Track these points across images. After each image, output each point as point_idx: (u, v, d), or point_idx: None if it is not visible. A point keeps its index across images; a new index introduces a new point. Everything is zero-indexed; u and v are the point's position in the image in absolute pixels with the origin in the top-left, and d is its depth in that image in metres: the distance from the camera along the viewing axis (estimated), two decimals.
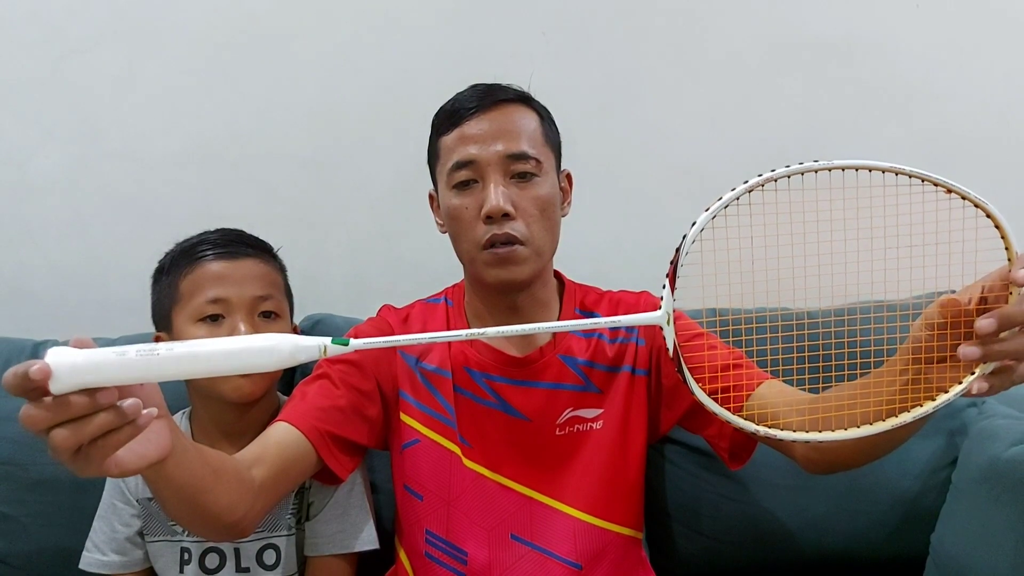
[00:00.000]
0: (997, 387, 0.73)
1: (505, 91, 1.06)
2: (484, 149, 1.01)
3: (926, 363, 0.76)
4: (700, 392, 0.78)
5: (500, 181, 1.00)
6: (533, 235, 1.02)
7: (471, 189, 1.02)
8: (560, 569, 1.05)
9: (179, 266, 1.11)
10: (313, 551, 1.13)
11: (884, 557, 1.36)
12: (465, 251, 1.05)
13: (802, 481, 1.32)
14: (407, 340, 0.74)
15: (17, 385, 0.58)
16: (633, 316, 0.78)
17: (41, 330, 1.45)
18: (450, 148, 1.03)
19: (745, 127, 1.62)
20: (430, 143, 1.09)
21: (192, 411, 1.18)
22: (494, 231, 1.00)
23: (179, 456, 0.73)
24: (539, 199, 1.02)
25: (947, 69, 1.63)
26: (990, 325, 0.69)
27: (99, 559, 1.14)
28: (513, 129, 1.02)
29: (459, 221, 1.03)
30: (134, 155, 1.61)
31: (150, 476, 0.75)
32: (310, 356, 0.67)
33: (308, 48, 1.60)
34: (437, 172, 1.07)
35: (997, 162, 1.62)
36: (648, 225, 1.58)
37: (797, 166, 0.72)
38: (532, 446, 1.08)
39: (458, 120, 1.03)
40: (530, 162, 1.02)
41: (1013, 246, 0.71)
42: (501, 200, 0.99)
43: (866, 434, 0.78)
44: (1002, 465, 1.21)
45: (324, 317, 1.43)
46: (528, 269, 1.03)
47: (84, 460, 0.61)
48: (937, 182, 0.72)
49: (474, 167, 1.01)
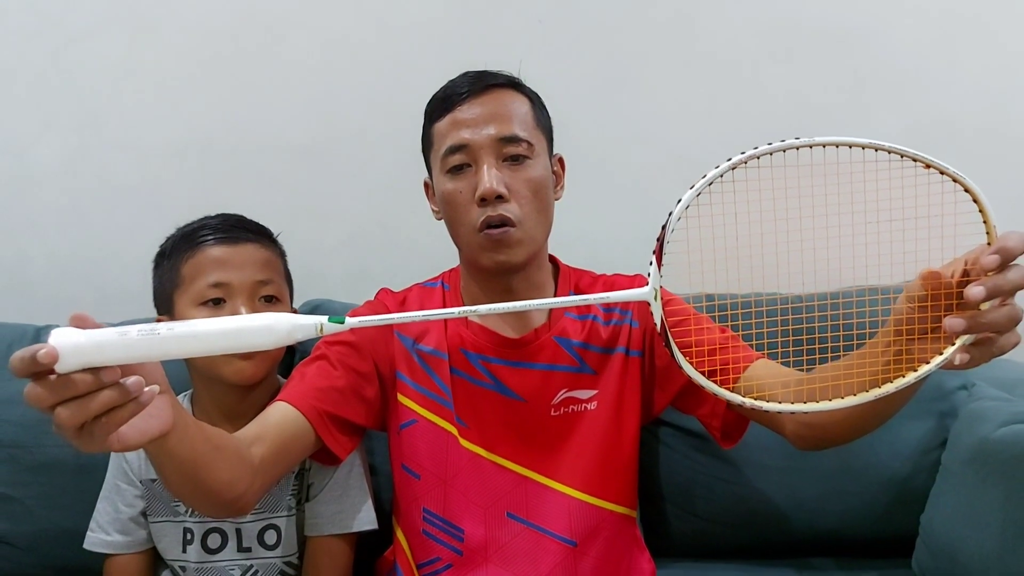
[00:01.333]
0: (977, 358, 0.74)
1: (495, 76, 1.08)
2: (476, 133, 1.02)
3: (908, 336, 0.77)
4: (687, 365, 0.80)
5: (493, 164, 1.02)
6: (526, 217, 1.03)
7: (464, 173, 1.04)
8: (555, 546, 1.07)
9: (180, 250, 1.12)
10: (313, 531, 1.15)
11: (874, 537, 1.38)
12: (460, 235, 1.06)
13: (794, 463, 1.35)
14: (401, 318, 0.76)
15: (24, 368, 0.60)
16: (620, 292, 0.79)
17: (42, 317, 1.46)
18: (443, 134, 1.05)
19: (739, 115, 1.63)
20: (423, 131, 1.11)
21: (194, 393, 1.20)
22: (488, 213, 1.01)
23: (180, 432, 0.74)
24: (531, 181, 1.04)
25: (942, 58, 1.63)
26: (980, 293, 0.70)
27: (103, 539, 1.16)
28: (504, 113, 1.04)
29: (454, 205, 1.05)
30: (133, 145, 1.62)
31: (152, 451, 0.77)
32: (307, 334, 0.69)
33: (305, 38, 1.62)
34: (431, 158, 1.09)
35: (992, 150, 1.63)
36: (642, 211, 1.57)
37: (779, 143, 0.74)
38: (527, 426, 1.10)
39: (450, 106, 1.05)
40: (522, 145, 1.04)
41: (991, 219, 0.73)
42: (494, 182, 1.01)
43: (849, 404, 0.79)
44: (991, 446, 1.23)
45: (323, 303, 1.45)
46: (522, 251, 1.04)
47: (88, 436, 0.63)
48: (916, 157, 0.73)
49: (467, 151, 1.03)
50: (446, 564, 1.08)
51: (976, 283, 0.71)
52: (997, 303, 0.72)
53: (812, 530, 1.38)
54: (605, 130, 1.63)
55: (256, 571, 1.15)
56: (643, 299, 0.78)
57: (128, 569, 1.16)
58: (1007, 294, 0.71)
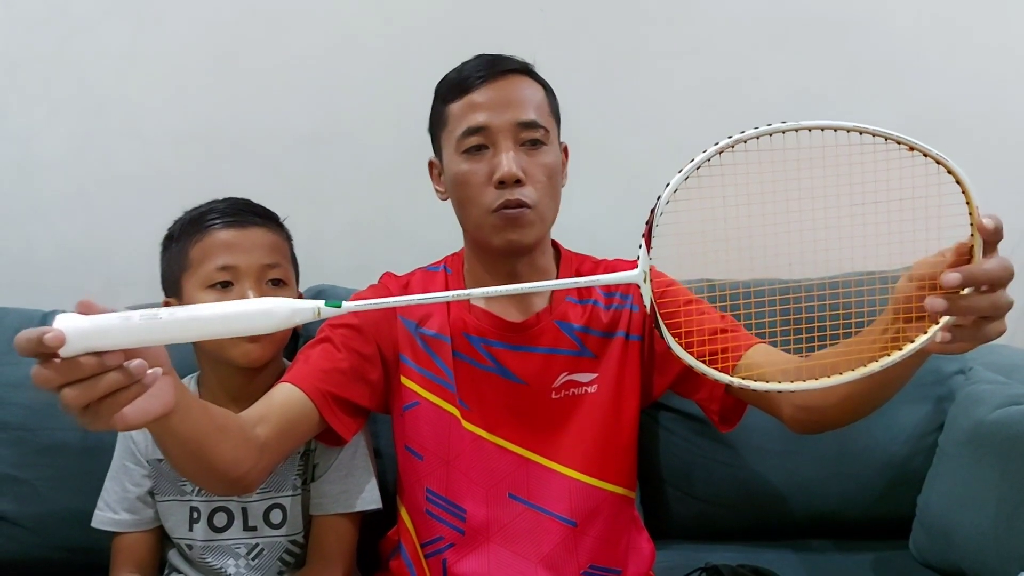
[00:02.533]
0: (958, 338, 0.75)
1: (512, 61, 1.09)
2: (496, 116, 1.04)
3: (904, 317, 0.79)
4: (676, 346, 0.82)
5: (511, 148, 1.03)
6: (540, 201, 1.05)
7: (481, 155, 1.05)
8: (556, 526, 1.09)
9: (188, 234, 1.14)
10: (318, 510, 1.17)
11: (872, 518, 1.40)
12: (472, 215, 1.07)
13: (793, 446, 1.36)
14: (396, 302, 0.77)
15: (30, 349, 0.62)
16: (609, 275, 0.81)
17: (48, 302, 1.47)
18: (460, 115, 1.06)
19: (738, 102, 1.65)
20: (434, 111, 1.12)
21: (200, 375, 1.22)
22: (506, 196, 1.03)
23: (183, 412, 0.77)
24: (547, 166, 1.06)
25: (939, 44, 1.65)
26: (955, 279, 0.72)
27: (111, 517, 1.17)
28: (523, 98, 1.06)
29: (468, 186, 1.05)
30: (137, 132, 1.64)
31: (155, 430, 0.79)
32: (305, 318, 0.72)
33: (309, 27, 1.63)
34: (443, 139, 1.09)
35: (988, 137, 1.65)
36: (642, 198, 1.59)
37: (765, 127, 0.75)
38: (529, 409, 1.11)
39: (468, 88, 1.06)
40: (539, 130, 1.05)
41: (974, 200, 0.74)
42: (514, 166, 1.02)
43: (835, 383, 0.80)
44: (986, 428, 1.25)
45: (326, 288, 1.47)
46: (534, 233, 1.06)
47: (93, 415, 0.65)
48: (900, 140, 0.74)
49: (485, 133, 1.04)
50: (449, 543, 1.10)
51: (952, 270, 0.72)
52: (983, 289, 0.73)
53: (811, 512, 1.40)
54: (604, 117, 1.64)
55: (262, 550, 1.17)
56: (632, 281, 0.80)
57: (135, 547, 1.17)
58: (981, 283, 0.73)
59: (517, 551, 1.09)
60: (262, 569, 1.17)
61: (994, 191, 1.53)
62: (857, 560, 1.35)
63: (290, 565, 1.19)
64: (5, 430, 1.34)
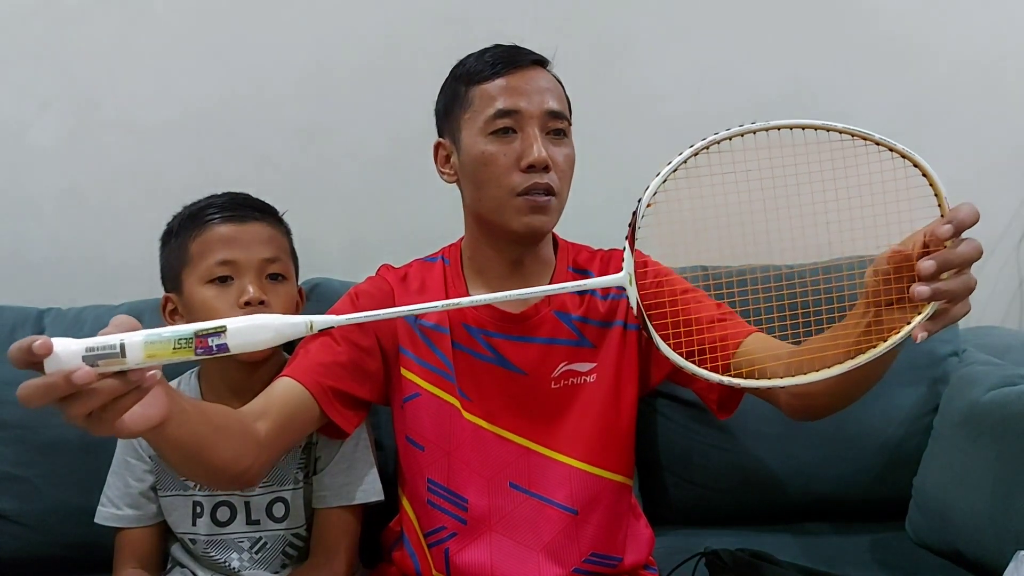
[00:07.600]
0: (932, 328, 0.77)
1: (534, 54, 1.11)
2: (530, 102, 1.05)
3: (878, 307, 0.81)
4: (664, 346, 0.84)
5: (539, 135, 1.05)
6: (561, 189, 1.08)
7: (509, 138, 1.05)
8: (556, 515, 1.10)
9: (188, 229, 1.13)
10: (320, 503, 1.17)
11: (869, 500, 1.42)
12: (491, 196, 1.07)
13: (790, 430, 1.37)
14: (384, 314, 0.77)
15: (21, 359, 0.63)
16: (596, 279, 0.84)
17: (42, 299, 1.47)
18: (491, 96, 1.06)
19: (734, 86, 1.65)
20: (454, 91, 1.11)
21: (202, 370, 1.22)
22: (535, 180, 1.04)
23: (179, 418, 0.77)
24: (569, 157, 1.09)
25: (935, 27, 1.65)
26: (931, 266, 0.74)
27: (114, 513, 1.17)
28: (551, 88, 1.09)
29: (492, 167, 1.06)
30: (130, 124, 1.62)
31: (152, 439, 0.79)
32: (297, 332, 0.71)
33: (300, 15, 1.62)
34: (462, 119, 1.09)
35: (983, 119, 1.65)
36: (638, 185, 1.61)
37: (738, 128, 0.78)
38: (528, 399, 1.12)
39: (500, 71, 1.07)
40: (563, 121, 1.08)
41: (942, 192, 0.76)
42: (544, 152, 1.04)
43: (824, 377, 0.83)
44: (980, 408, 1.26)
45: (322, 281, 1.46)
46: (552, 220, 1.08)
47: (96, 422, 0.66)
48: (867, 137, 0.77)
49: (516, 117, 1.05)
50: (451, 533, 1.10)
51: (927, 258, 0.74)
52: (953, 273, 0.75)
53: (808, 495, 1.41)
54: (600, 102, 1.63)
55: (265, 543, 1.17)
56: (618, 284, 0.81)
57: (139, 543, 1.18)
58: (956, 266, 0.75)
59: (519, 540, 1.09)
60: (265, 562, 1.17)
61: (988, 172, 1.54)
62: (855, 542, 1.36)
63: (293, 558, 1.19)
64: (4, 428, 1.34)
